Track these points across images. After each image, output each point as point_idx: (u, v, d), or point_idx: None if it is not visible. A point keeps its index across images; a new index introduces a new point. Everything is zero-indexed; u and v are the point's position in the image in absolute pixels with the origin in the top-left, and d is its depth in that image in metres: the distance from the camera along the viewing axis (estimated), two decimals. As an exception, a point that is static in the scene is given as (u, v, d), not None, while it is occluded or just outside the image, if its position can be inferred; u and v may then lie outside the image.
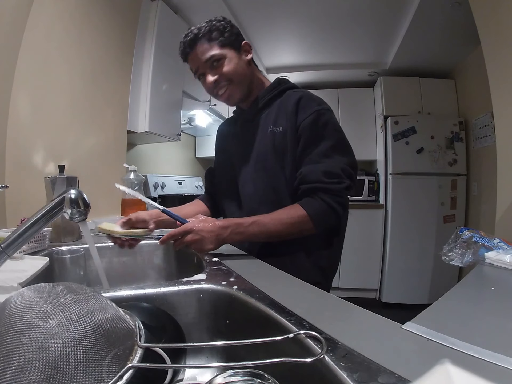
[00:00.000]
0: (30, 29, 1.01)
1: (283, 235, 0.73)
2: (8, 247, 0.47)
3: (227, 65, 0.78)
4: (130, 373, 0.28)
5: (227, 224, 0.70)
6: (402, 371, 0.28)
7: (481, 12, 1.30)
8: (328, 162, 0.74)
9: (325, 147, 0.74)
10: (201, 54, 0.78)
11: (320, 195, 0.72)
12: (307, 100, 0.78)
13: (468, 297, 0.56)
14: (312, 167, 0.74)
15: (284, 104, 0.80)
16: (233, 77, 0.79)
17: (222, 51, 0.78)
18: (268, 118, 0.82)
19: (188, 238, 0.67)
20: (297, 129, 0.76)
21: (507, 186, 1.23)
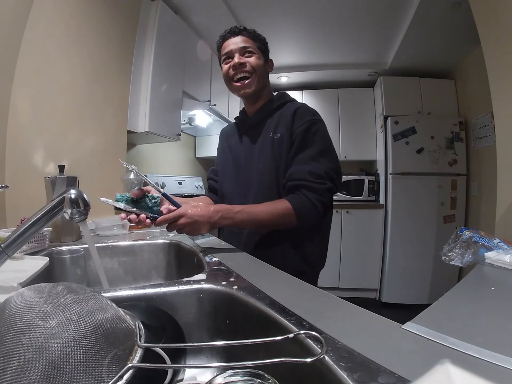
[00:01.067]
0: (30, 29, 1.01)
1: (269, 225, 0.80)
2: (8, 247, 0.47)
3: (256, 59, 0.90)
4: (130, 373, 0.28)
5: (218, 209, 0.75)
6: (402, 371, 0.28)
7: (481, 12, 1.30)
8: (314, 164, 0.82)
9: (313, 152, 0.83)
10: (241, 41, 0.90)
11: (303, 192, 0.80)
12: (302, 110, 0.89)
13: (468, 297, 0.56)
14: (299, 167, 0.83)
15: (284, 114, 0.91)
16: (256, 69, 0.90)
17: (256, 50, 0.91)
18: (270, 126, 0.92)
19: (181, 221, 0.71)
20: (291, 135, 0.86)
21: (507, 186, 1.23)
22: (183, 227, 0.72)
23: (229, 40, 0.91)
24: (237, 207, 0.78)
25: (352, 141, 3.19)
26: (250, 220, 0.77)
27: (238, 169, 0.97)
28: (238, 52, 0.89)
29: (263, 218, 0.78)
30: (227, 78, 0.93)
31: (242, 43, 0.90)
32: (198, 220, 0.72)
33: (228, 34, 0.92)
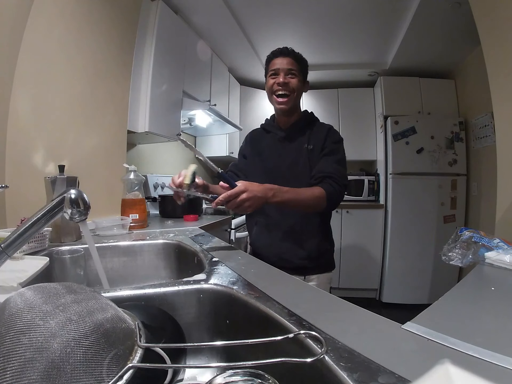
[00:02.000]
0: (30, 29, 1.01)
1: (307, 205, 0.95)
2: (8, 247, 0.47)
3: (297, 81, 1.06)
4: (130, 373, 0.28)
5: (271, 187, 0.86)
6: (402, 371, 0.28)
7: (481, 12, 1.30)
8: (338, 166, 1.04)
9: (337, 158, 1.06)
10: (288, 62, 1.05)
11: (330, 182, 0.99)
12: (333, 131, 1.13)
13: (468, 297, 0.56)
14: (328, 164, 1.04)
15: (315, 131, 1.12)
16: (295, 90, 1.07)
17: (298, 73, 1.07)
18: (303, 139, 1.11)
19: (243, 196, 0.78)
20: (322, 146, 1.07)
21: (507, 186, 1.23)
22: (243, 203, 0.78)
23: (278, 58, 1.06)
24: (285, 188, 0.89)
25: (352, 141, 3.18)
26: (295, 199, 0.91)
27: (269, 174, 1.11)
28: (284, 72, 1.05)
29: (304, 199, 0.93)
30: (270, 91, 1.09)
31: (288, 65, 1.05)
32: (257, 195, 0.80)
33: (279, 53, 1.07)
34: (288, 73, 1.05)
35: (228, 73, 2.88)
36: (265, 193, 0.83)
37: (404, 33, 2.23)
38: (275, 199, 0.86)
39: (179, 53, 1.97)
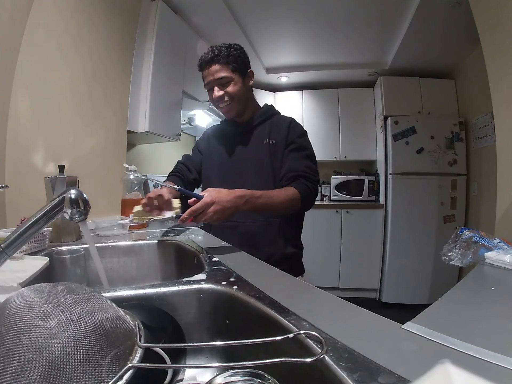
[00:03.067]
0: (30, 29, 1.01)
1: (282, 208, 0.90)
2: (8, 247, 0.47)
3: (232, 87, 0.99)
4: (130, 373, 0.28)
5: (243, 194, 0.79)
6: (402, 371, 0.28)
7: (481, 12, 1.30)
8: (308, 162, 1.00)
9: (306, 153, 1.02)
10: (215, 72, 0.97)
11: (303, 181, 0.95)
12: (295, 124, 1.07)
13: (468, 297, 0.56)
14: (297, 162, 0.99)
15: (275, 125, 1.06)
16: (234, 97, 1.00)
17: (231, 75, 0.98)
18: (263, 133, 1.06)
19: (211, 210, 0.72)
20: (286, 141, 1.02)
21: (507, 186, 1.23)
22: (211, 217, 0.73)
23: (205, 70, 0.99)
24: (258, 192, 0.83)
25: (352, 141, 3.19)
26: (269, 203, 0.85)
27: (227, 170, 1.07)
28: (216, 85, 0.98)
29: (279, 202, 0.87)
30: (213, 103, 1.05)
31: (217, 74, 0.97)
32: (226, 206, 0.74)
33: (203, 64, 0.99)
34: (219, 82, 0.98)
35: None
36: (235, 203, 0.77)
37: (404, 33, 2.23)
38: (246, 207, 0.80)
39: (179, 53, 1.97)
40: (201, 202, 0.72)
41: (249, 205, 0.80)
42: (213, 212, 0.72)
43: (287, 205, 0.90)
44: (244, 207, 0.79)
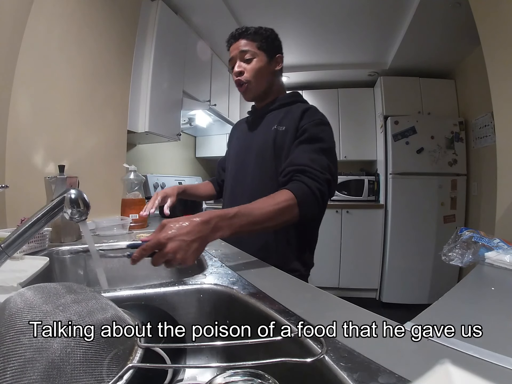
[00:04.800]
0: (30, 29, 1.01)
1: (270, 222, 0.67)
2: (8, 247, 0.47)
3: (254, 64, 0.91)
4: (130, 373, 0.28)
5: (208, 219, 0.56)
6: (402, 371, 0.28)
7: (481, 12, 1.30)
8: (317, 155, 0.79)
9: (318, 146, 0.80)
10: (241, 45, 0.92)
11: (303, 179, 0.74)
12: (313, 111, 0.89)
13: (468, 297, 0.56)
14: (301, 153, 0.79)
15: (291, 110, 0.91)
16: (253, 77, 0.91)
17: (256, 51, 0.91)
18: (274, 118, 0.92)
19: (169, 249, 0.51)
20: (297, 130, 0.85)
21: (507, 186, 1.23)
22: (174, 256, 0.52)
23: (232, 45, 0.94)
24: (231, 211, 0.61)
25: (352, 141, 3.19)
26: (250, 222, 0.63)
27: (238, 157, 0.99)
28: (238, 58, 0.92)
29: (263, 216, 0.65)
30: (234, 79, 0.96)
31: (242, 47, 0.92)
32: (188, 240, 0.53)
33: (231, 40, 0.95)
34: (242, 57, 0.91)
35: (228, 73, 2.88)
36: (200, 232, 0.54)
37: (404, 33, 2.23)
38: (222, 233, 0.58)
39: (179, 53, 1.97)
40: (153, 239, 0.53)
41: (224, 231, 0.59)
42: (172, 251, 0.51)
43: (277, 217, 0.67)
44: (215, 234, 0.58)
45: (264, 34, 0.93)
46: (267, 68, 0.93)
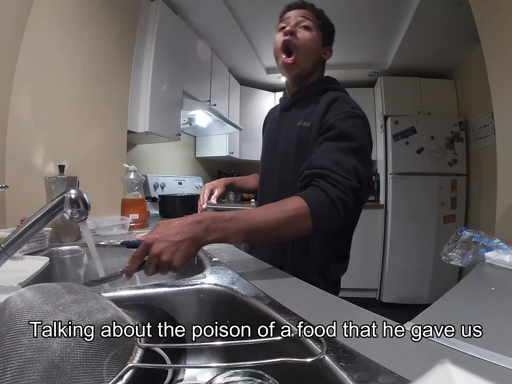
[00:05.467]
0: (30, 29, 1.01)
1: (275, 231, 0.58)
2: (8, 247, 0.47)
3: (309, 38, 0.81)
4: (130, 373, 0.28)
5: (200, 219, 0.53)
6: (402, 371, 0.28)
7: (481, 12, 1.30)
8: (341, 156, 0.65)
9: (344, 145, 0.67)
10: (303, 13, 0.82)
11: (321, 184, 0.62)
12: (342, 101, 0.77)
13: (468, 297, 0.56)
14: (323, 153, 0.67)
15: (319, 102, 0.80)
16: (305, 48, 0.80)
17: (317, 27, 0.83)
18: (300, 112, 0.83)
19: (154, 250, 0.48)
20: (321, 126, 0.74)
21: (507, 186, 1.23)
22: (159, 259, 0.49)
23: (292, 11, 0.84)
24: (228, 214, 0.56)
25: (352, 141, 3.18)
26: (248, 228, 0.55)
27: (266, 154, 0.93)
28: (294, 21, 0.82)
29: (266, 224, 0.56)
30: (276, 49, 0.84)
31: (304, 15, 0.82)
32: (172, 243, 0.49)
33: (293, 5, 0.85)
34: (300, 22, 0.81)
35: (228, 73, 2.88)
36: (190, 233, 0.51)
37: (404, 33, 2.23)
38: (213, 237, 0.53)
39: (179, 53, 1.97)
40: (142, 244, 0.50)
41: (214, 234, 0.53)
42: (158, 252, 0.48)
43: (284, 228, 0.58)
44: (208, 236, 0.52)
45: (328, 20, 0.88)
46: (318, 49, 0.84)
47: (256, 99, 3.29)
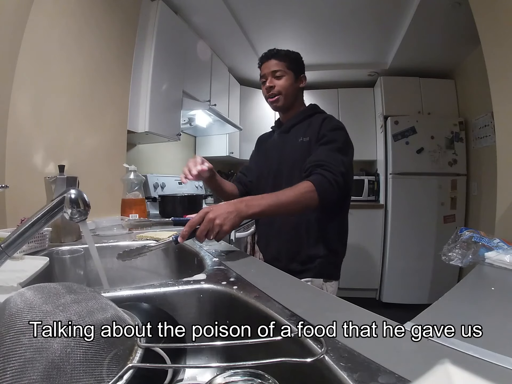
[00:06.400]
0: (30, 29, 1.01)
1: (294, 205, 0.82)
2: (8, 247, 0.47)
3: (283, 81, 1.07)
4: (130, 373, 0.28)
5: (241, 199, 0.76)
6: (402, 371, 0.28)
7: (481, 12, 1.30)
8: (331, 153, 0.95)
9: (334, 146, 0.97)
10: (272, 65, 1.08)
11: (320, 171, 0.88)
12: (331, 119, 1.08)
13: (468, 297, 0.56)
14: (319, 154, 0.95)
15: (313, 122, 1.08)
16: (282, 91, 1.07)
17: (286, 71, 1.07)
18: (299, 131, 1.08)
19: (210, 216, 0.67)
20: (318, 136, 1.02)
21: (507, 186, 1.23)
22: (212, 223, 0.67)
23: (264, 63, 1.09)
24: (260, 195, 0.80)
25: (352, 141, 3.16)
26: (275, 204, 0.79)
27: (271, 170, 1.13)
28: (270, 76, 1.08)
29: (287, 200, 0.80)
30: (264, 95, 1.13)
31: (273, 67, 1.07)
32: (225, 211, 0.69)
33: (264, 58, 1.10)
34: (274, 74, 1.07)
35: (228, 73, 2.88)
36: (235, 207, 0.72)
37: (404, 33, 2.23)
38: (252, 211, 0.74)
39: (179, 53, 1.97)
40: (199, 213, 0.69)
41: (252, 208, 0.74)
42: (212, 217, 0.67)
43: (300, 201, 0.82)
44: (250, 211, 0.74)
45: (292, 56, 1.09)
46: (294, 85, 1.09)
47: (256, 99, 3.29)
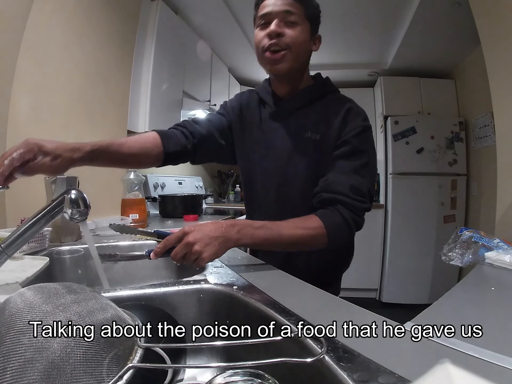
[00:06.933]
0: (30, 29, 1.01)
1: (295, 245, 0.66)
2: (8, 247, 0.47)
3: (298, 32, 0.70)
4: (130, 373, 0.28)
5: (233, 222, 0.60)
6: (402, 371, 0.28)
7: (481, 11, 1.30)
8: (357, 178, 0.70)
9: (358, 163, 0.71)
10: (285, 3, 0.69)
11: (340, 209, 0.68)
12: (355, 113, 0.75)
13: (468, 297, 0.56)
14: (341, 177, 0.70)
15: (326, 111, 0.76)
16: (293, 46, 0.70)
17: (303, 18, 0.71)
18: (306, 120, 0.77)
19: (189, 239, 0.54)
20: (337, 139, 0.73)
21: (507, 186, 1.23)
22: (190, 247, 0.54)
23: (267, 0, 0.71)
24: (258, 222, 0.63)
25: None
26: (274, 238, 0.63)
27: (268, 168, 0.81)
28: (278, 17, 0.69)
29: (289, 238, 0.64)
30: (259, 49, 0.73)
31: (285, 6, 0.69)
32: (209, 235, 0.56)
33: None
34: (284, 18, 0.69)
35: (228, 73, 2.88)
36: (223, 232, 0.58)
37: (404, 33, 2.23)
38: (245, 240, 0.60)
39: (179, 53, 1.97)
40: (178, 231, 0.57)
41: (244, 239, 0.60)
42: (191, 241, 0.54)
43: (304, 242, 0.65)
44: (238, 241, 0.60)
45: (314, 3, 0.76)
46: (308, 44, 0.75)
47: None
